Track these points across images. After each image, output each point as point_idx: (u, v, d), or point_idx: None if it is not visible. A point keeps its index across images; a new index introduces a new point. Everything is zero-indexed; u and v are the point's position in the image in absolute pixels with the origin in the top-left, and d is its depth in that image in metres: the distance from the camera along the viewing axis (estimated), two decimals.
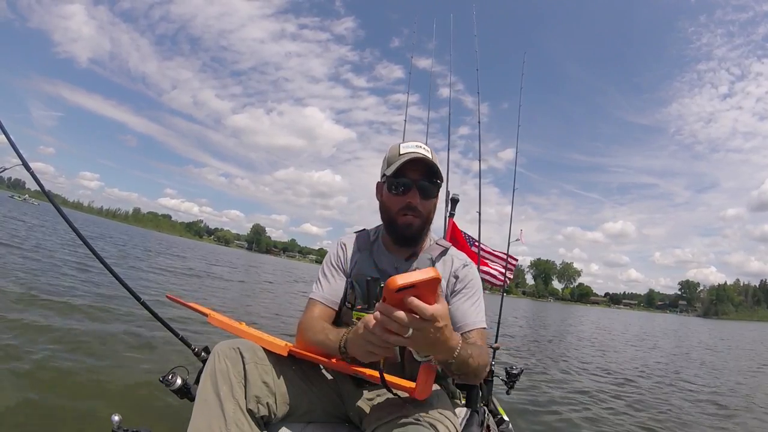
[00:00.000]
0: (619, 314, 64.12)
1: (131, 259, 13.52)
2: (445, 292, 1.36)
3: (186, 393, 1.59)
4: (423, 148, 1.35)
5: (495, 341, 2.94)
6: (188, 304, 1.64)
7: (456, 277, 1.39)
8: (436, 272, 0.83)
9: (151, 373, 3.19)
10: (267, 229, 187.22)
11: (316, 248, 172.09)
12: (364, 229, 1.52)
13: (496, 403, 2.20)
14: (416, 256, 1.40)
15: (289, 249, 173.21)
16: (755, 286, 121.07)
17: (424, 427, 1.02)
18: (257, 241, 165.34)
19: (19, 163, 1.58)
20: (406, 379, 1.09)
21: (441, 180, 1.35)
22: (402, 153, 1.33)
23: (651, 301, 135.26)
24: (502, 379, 2.51)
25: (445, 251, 1.44)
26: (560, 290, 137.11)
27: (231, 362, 1.12)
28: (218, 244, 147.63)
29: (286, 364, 1.20)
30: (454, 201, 2.78)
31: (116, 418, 1.38)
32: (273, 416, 1.15)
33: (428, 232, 1.44)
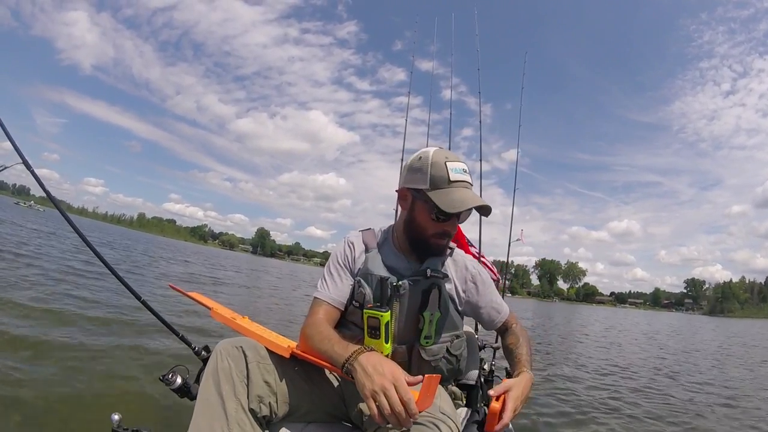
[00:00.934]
0: (627, 313, 63.68)
1: (129, 263, 13.53)
2: (458, 297, 1.41)
3: (186, 392, 1.58)
4: (468, 173, 1.33)
5: (495, 341, 2.93)
6: (190, 294, 1.61)
7: (471, 276, 1.44)
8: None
9: (151, 373, 3.18)
10: (272, 232, 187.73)
11: (321, 251, 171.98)
12: (371, 228, 1.50)
13: None
14: (427, 257, 1.38)
15: (294, 252, 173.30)
16: (761, 283, 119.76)
17: (425, 427, 1.00)
18: (262, 244, 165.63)
19: (20, 161, 1.56)
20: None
21: (487, 215, 1.36)
22: (453, 180, 1.27)
23: (656, 299, 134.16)
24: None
25: (452, 251, 1.46)
26: (565, 290, 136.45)
27: (234, 361, 1.10)
28: (223, 248, 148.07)
29: (288, 364, 1.18)
30: None
31: (116, 417, 1.37)
32: (274, 416, 1.13)
33: None
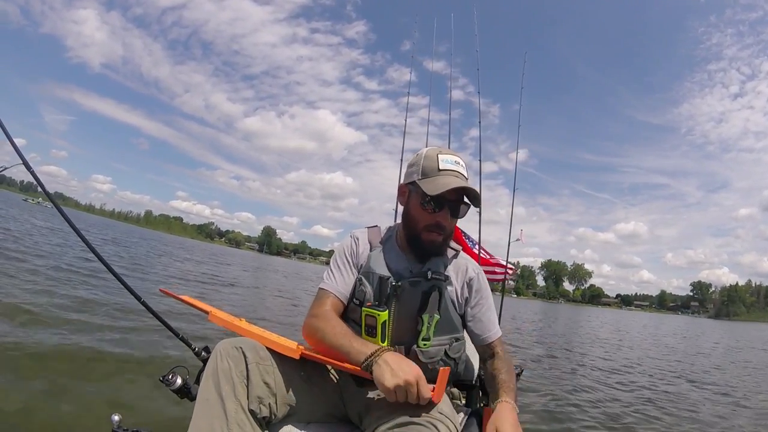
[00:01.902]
0: (633, 316, 63.21)
1: (132, 262, 13.54)
2: (459, 300, 1.39)
3: (186, 393, 1.57)
4: (461, 164, 1.33)
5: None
6: (183, 298, 1.54)
7: (470, 286, 1.40)
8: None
9: (150, 373, 3.16)
10: (278, 231, 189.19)
11: (327, 250, 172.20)
12: (377, 226, 1.50)
13: None
14: (429, 258, 1.37)
15: (300, 251, 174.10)
16: (767, 286, 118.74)
17: (424, 427, 1.00)
18: (268, 243, 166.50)
19: (20, 162, 1.57)
20: None
21: (477, 205, 1.35)
22: (442, 169, 1.29)
23: (662, 302, 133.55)
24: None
25: (456, 254, 1.43)
26: (571, 291, 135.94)
27: (233, 362, 1.10)
28: (229, 246, 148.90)
29: (287, 365, 1.17)
30: None
31: (116, 417, 1.37)
32: (274, 417, 1.13)
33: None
